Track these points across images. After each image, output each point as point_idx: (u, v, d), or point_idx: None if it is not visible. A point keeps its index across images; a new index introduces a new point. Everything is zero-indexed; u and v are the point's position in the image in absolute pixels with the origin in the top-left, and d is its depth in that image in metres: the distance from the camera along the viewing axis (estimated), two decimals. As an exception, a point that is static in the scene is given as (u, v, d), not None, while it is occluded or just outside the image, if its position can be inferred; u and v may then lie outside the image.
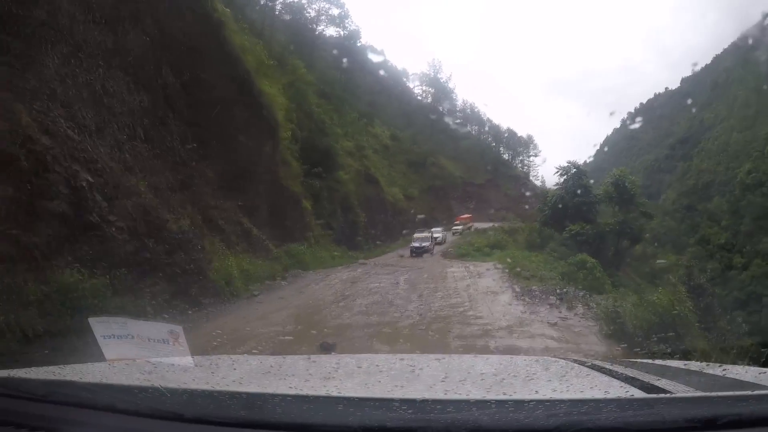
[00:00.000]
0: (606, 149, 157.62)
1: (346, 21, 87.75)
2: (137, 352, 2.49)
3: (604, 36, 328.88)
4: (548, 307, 18.65)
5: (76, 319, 10.46)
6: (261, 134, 35.24)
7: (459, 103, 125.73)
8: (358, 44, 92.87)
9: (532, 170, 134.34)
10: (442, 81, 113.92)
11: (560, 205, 54.50)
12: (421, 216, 70.88)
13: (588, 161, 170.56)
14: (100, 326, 2.52)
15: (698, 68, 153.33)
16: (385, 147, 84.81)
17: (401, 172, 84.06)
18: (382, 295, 22.01)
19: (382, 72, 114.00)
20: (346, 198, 57.46)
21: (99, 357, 2.53)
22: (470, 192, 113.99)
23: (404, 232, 55.98)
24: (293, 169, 42.71)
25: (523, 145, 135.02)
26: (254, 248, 28.17)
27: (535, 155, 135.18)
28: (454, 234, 71.13)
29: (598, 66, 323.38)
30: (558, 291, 21.70)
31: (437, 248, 54.65)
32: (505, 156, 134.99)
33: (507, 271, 30.04)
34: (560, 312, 17.84)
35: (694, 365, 2.97)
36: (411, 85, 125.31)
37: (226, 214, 27.50)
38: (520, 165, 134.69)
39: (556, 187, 59.97)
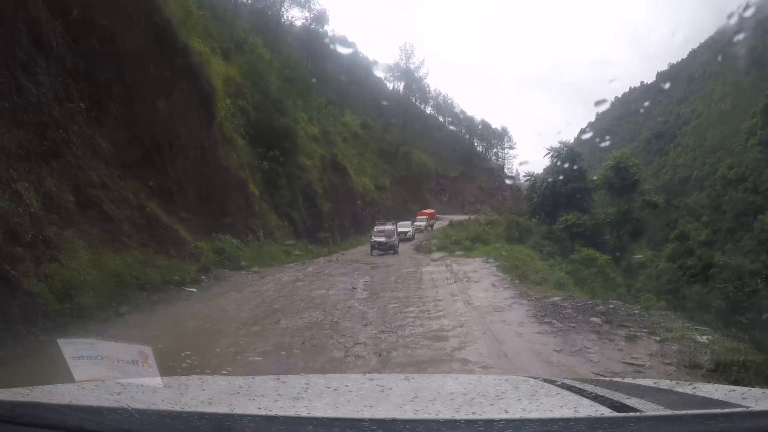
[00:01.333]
0: (581, 140, 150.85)
1: (312, 1, 79.21)
2: (106, 373, 2.41)
3: (578, 29, 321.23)
4: (594, 337, 10.63)
5: None
6: (189, 102, 27.27)
7: (432, 93, 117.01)
8: (326, 29, 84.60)
9: (507, 163, 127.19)
10: (414, 68, 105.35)
11: (550, 192, 46.05)
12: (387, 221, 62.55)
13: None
14: (69, 347, 2.44)
15: (675, 62, 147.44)
16: (356, 135, 76.65)
17: (372, 161, 76.07)
18: (325, 310, 14.39)
19: (352, 62, 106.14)
20: (309, 186, 49.42)
21: (68, 378, 2.40)
22: (443, 184, 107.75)
23: (376, 225, 46.98)
24: (238, 149, 34.42)
25: (497, 138, 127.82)
26: (160, 242, 20.08)
27: (510, 147, 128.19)
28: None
29: (572, 59, 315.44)
30: (599, 307, 13.53)
31: (406, 243, 46.90)
32: (479, 148, 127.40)
33: (504, 271, 21.96)
34: (620, 349, 9.83)
35: (663, 383, 2.87)
36: (382, 76, 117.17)
37: (119, 196, 19.39)
38: (494, 157, 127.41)
39: (543, 173, 51.73)
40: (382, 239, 40.38)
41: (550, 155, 50.44)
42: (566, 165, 46.20)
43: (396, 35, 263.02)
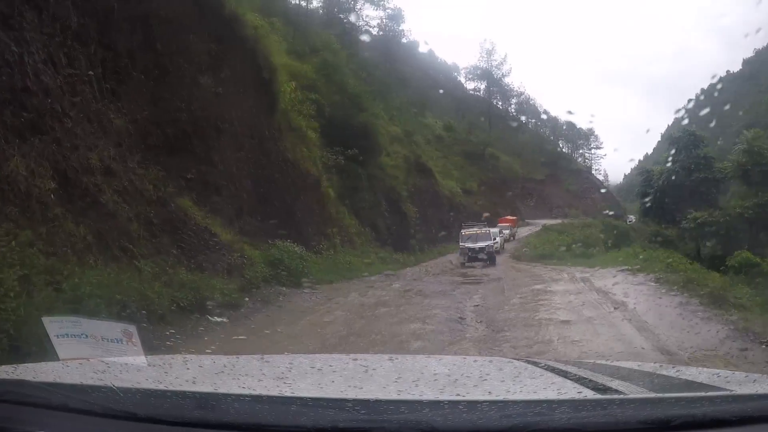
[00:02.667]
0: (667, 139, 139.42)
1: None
2: (91, 352, 2.27)
3: (655, 20, 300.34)
4: None
5: None
6: (242, 82, 21.34)
7: (515, 92, 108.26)
8: (402, 28, 77.70)
9: (594, 163, 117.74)
10: (496, 64, 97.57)
11: (669, 186, 37.80)
12: (487, 214, 54.38)
13: (649, 154, 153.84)
14: (53, 325, 2.29)
15: (760, 48, 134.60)
16: (439, 138, 69.90)
17: (457, 164, 68.95)
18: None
19: (429, 65, 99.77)
20: (392, 189, 42.97)
21: (53, 356, 2.23)
22: (529, 188, 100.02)
23: (463, 228, 39.72)
24: (309, 143, 28.08)
25: (583, 138, 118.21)
26: (187, 249, 14.01)
27: (597, 147, 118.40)
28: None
29: (652, 52, 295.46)
30: None
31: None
32: (565, 149, 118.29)
33: (680, 288, 14.58)
34: None
35: (647, 366, 2.86)
36: (462, 80, 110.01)
37: (129, 187, 13.51)
38: (580, 159, 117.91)
39: (658, 166, 43.34)
40: (476, 245, 32.63)
41: (668, 144, 42.18)
42: (684, 155, 37.75)
43: (472, 37, 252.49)
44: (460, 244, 34.12)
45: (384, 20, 74.28)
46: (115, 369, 2.20)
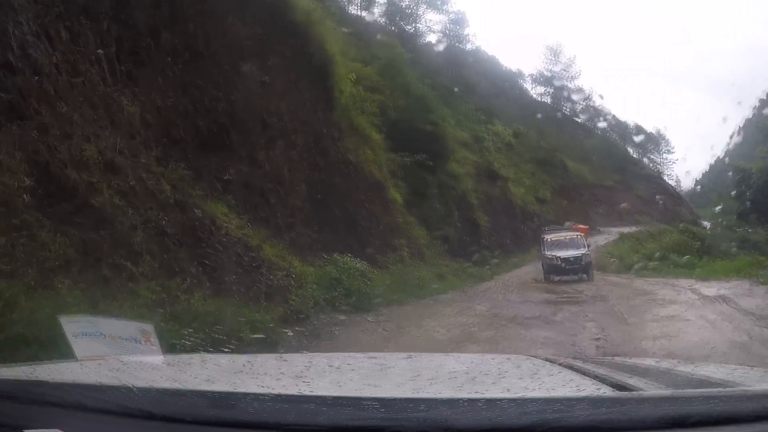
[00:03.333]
0: (739, 141, 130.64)
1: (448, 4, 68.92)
2: (108, 351, 2.24)
3: (719, 16, 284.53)
4: None
5: None
6: (293, 73, 18.11)
7: (585, 94, 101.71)
8: (466, 33, 73.66)
9: (666, 168, 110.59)
10: (563, 66, 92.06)
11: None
12: (569, 222, 49.08)
13: (720, 157, 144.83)
14: (70, 325, 2.25)
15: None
16: (508, 145, 65.35)
17: (528, 171, 64.37)
18: None
19: (494, 73, 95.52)
20: (463, 197, 39.14)
21: (69, 356, 2.19)
22: (598, 195, 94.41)
23: (545, 232, 34.86)
24: (373, 144, 24.51)
25: (652, 142, 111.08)
26: (210, 267, 10.33)
27: (668, 152, 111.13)
28: None
29: (719, 50, 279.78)
30: None
31: None
32: (634, 155, 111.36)
33: None
34: None
35: (665, 363, 2.79)
36: (528, 86, 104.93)
37: (137, 187, 10.02)
38: (650, 164, 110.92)
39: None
40: (566, 254, 26.11)
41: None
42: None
43: (537, 42, 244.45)
44: (544, 252, 27.93)
45: (447, 25, 70.25)
46: (132, 368, 2.15)
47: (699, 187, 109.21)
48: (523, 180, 59.56)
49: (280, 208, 15.14)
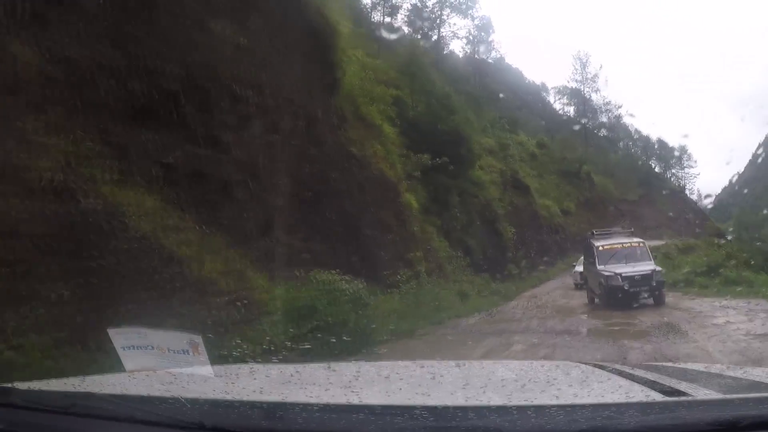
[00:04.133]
0: (762, 157, 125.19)
1: (473, 9, 64.37)
2: (157, 363, 2.18)
3: (743, 30, 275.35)
4: None
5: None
6: (282, 40, 13.98)
7: (610, 104, 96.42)
8: (491, 40, 69.28)
9: (688, 183, 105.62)
10: (590, 77, 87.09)
11: None
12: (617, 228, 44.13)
13: (740, 173, 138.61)
14: (119, 337, 2.22)
15: None
16: (533, 156, 60.80)
17: (553, 183, 59.79)
18: None
19: (518, 86, 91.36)
20: (488, 207, 34.83)
21: (119, 368, 2.17)
22: (622, 209, 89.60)
23: (593, 237, 29.72)
24: (385, 140, 20.36)
25: (675, 157, 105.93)
26: (103, 293, 5.88)
27: (690, 167, 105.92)
28: None
29: (743, 66, 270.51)
30: None
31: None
32: (657, 169, 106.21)
33: None
34: None
35: (714, 368, 2.67)
36: (552, 99, 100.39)
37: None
38: (672, 178, 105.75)
39: None
40: (632, 271, 17.81)
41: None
42: None
43: (561, 56, 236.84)
44: (594, 267, 19.27)
45: (472, 30, 65.85)
46: (181, 380, 2.12)
47: (714, 202, 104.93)
48: (548, 191, 55.11)
49: (250, 207, 11.09)
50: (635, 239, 21.17)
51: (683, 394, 1.81)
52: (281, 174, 12.33)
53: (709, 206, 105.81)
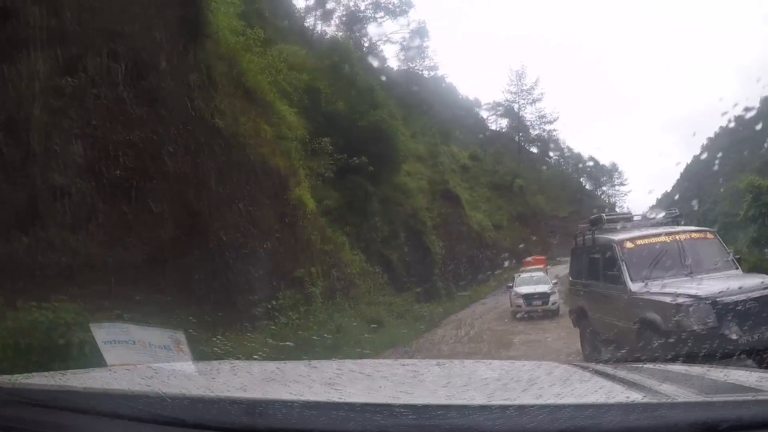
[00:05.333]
0: (687, 177, 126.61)
1: (407, 15, 59.90)
2: (139, 358, 2.14)
3: (677, 58, 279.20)
4: None
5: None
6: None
7: (545, 121, 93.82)
8: (425, 45, 64.77)
9: (618, 200, 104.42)
10: (526, 89, 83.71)
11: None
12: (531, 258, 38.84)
13: (668, 191, 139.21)
14: (101, 332, 2.17)
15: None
16: (464, 168, 56.52)
17: (485, 196, 55.63)
18: None
19: (452, 101, 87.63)
20: (415, 217, 29.98)
21: (101, 363, 2.11)
22: (553, 225, 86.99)
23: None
24: (279, 121, 15.23)
25: (606, 174, 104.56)
26: None
27: (621, 184, 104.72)
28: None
29: (673, 86, 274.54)
30: None
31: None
32: (588, 186, 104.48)
33: None
34: None
35: (695, 370, 2.36)
36: (485, 114, 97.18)
37: None
38: (603, 195, 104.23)
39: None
40: (720, 292, 7.55)
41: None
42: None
43: (492, 74, 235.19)
44: (630, 286, 8.81)
45: (406, 37, 61.22)
46: (163, 375, 2.05)
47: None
48: (480, 204, 50.89)
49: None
50: (692, 228, 10.66)
51: (664, 395, 1.73)
52: (68, 136, 7.13)
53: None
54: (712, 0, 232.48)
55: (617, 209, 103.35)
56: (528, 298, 22.60)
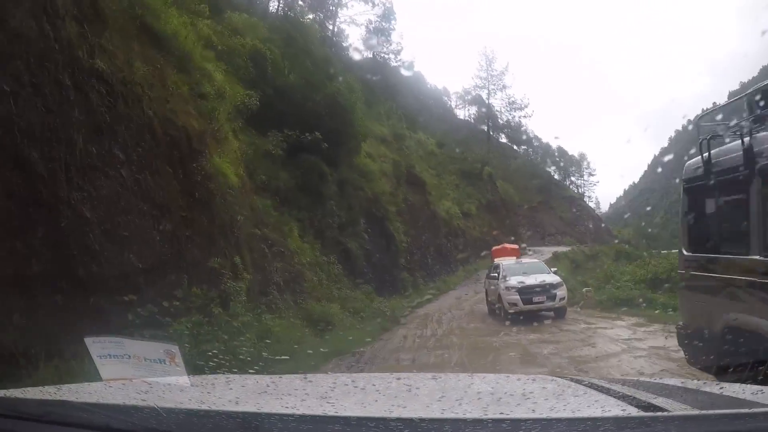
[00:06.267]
0: (659, 170, 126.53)
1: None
2: (134, 372, 2.06)
3: (648, 52, 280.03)
4: None
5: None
6: None
7: (516, 107, 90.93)
8: (392, 26, 61.64)
9: (587, 191, 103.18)
10: (496, 74, 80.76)
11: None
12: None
13: (635, 183, 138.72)
14: (96, 346, 2.08)
15: (746, 80, 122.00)
16: (431, 154, 53.52)
17: (453, 183, 52.59)
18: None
19: (419, 90, 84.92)
20: (376, 203, 26.99)
21: (95, 377, 2.04)
22: (522, 215, 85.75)
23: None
24: (202, 79, 12.03)
25: (575, 165, 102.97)
26: None
27: (590, 174, 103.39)
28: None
29: (641, 81, 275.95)
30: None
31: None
32: (556, 176, 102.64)
33: None
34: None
35: (691, 383, 2.37)
36: (453, 103, 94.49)
37: None
38: (572, 186, 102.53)
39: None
40: None
41: None
42: None
43: (461, 64, 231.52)
44: None
45: (372, 20, 58.02)
46: (158, 389, 2.02)
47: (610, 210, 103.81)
48: (447, 192, 48.00)
49: None
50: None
51: (659, 409, 1.71)
52: None
53: (604, 213, 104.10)
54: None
55: (585, 199, 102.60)
56: (526, 292, 16.63)
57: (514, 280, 17.20)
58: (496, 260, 22.80)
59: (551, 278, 17.39)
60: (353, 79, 27.42)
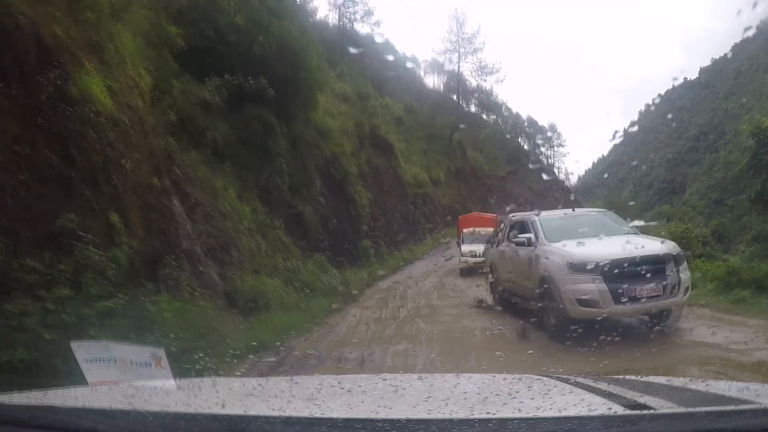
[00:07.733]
0: (623, 142, 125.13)
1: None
2: (120, 376, 2.01)
3: (620, 27, 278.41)
4: None
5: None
6: None
7: (489, 71, 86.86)
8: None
9: (557, 161, 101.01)
10: (467, 37, 76.63)
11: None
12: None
13: (604, 156, 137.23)
14: (81, 350, 1.99)
15: (717, 57, 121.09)
16: (399, 119, 50.02)
17: (421, 149, 49.21)
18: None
19: (388, 56, 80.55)
20: (335, 163, 23.80)
21: (81, 381, 1.93)
22: (491, 185, 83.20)
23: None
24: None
25: (545, 135, 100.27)
26: None
27: (560, 145, 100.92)
28: (464, 256, 21.25)
29: (614, 56, 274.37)
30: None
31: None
32: (526, 146, 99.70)
33: None
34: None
35: (677, 381, 2.30)
36: (422, 73, 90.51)
37: None
38: (542, 156, 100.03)
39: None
40: None
41: None
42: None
43: (430, 32, 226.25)
44: None
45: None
46: (144, 393, 1.94)
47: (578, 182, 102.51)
48: (415, 158, 44.82)
49: None
50: None
51: (645, 407, 1.67)
52: None
53: (573, 186, 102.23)
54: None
55: (555, 170, 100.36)
56: (618, 276, 7.80)
57: (575, 250, 8.43)
58: (524, 215, 12.95)
59: (655, 245, 8.67)
60: (306, 22, 23.96)
